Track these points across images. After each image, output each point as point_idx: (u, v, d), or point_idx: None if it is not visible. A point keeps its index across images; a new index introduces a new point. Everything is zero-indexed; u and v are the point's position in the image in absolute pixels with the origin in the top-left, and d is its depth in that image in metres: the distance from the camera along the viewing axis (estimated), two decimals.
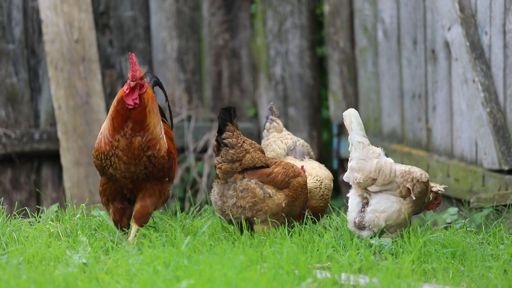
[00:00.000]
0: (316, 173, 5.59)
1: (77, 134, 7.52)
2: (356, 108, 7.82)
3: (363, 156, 5.21)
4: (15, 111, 7.54)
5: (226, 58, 8.11)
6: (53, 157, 7.60)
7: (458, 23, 6.47)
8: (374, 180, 5.19)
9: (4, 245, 4.92)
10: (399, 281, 4.31)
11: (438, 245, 4.97)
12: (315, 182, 5.55)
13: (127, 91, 4.98)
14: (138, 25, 7.88)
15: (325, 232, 5.24)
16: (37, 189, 7.60)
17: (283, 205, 5.22)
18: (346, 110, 5.30)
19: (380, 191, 5.22)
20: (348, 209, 5.29)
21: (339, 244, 5.03)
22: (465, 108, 6.62)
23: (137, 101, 4.99)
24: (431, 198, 5.37)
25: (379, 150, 5.25)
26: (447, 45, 6.76)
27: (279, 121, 5.93)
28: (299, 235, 5.11)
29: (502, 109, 6.29)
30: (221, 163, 5.20)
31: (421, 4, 7.05)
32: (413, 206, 5.23)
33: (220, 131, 5.17)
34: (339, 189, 8.03)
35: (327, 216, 5.68)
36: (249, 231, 5.18)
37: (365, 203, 5.25)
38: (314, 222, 5.40)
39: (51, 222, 5.30)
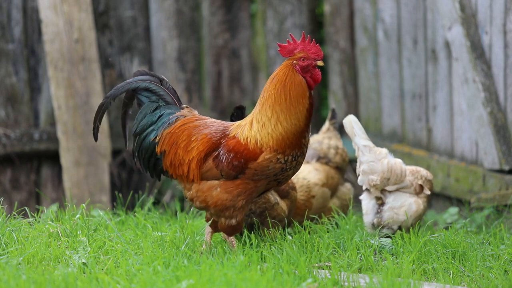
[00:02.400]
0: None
1: (77, 134, 7.52)
2: (356, 108, 7.84)
3: (372, 158, 5.31)
4: (15, 111, 7.53)
5: (226, 58, 8.11)
6: (53, 157, 7.60)
7: (458, 23, 6.47)
8: (388, 180, 5.28)
9: (4, 245, 4.92)
10: (399, 281, 4.30)
11: (438, 245, 4.97)
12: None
13: (316, 73, 4.59)
14: (138, 25, 7.88)
15: (327, 232, 5.24)
16: (36, 189, 7.59)
17: (286, 213, 5.26)
18: (346, 116, 5.39)
19: (396, 190, 5.32)
20: (363, 212, 5.36)
21: (338, 244, 5.03)
22: (465, 108, 6.61)
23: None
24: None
25: (385, 150, 5.34)
26: (447, 45, 6.76)
27: (328, 124, 6.01)
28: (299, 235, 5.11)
29: (503, 109, 6.29)
30: None
31: (421, 4, 7.04)
32: (426, 202, 5.33)
33: None
34: None
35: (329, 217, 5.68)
36: (259, 231, 5.19)
37: (380, 204, 5.33)
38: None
39: (50, 222, 5.29)
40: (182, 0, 7.95)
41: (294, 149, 4.63)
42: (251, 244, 4.88)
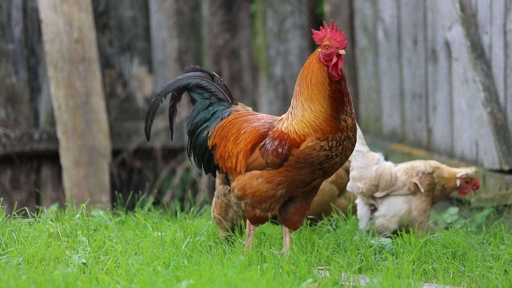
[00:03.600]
0: None
1: (77, 134, 7.52)
2: (356, 108, 7.84)
3: (362, 164, 5.27)
4: (15, 111, 7.53)
5: (226, 58, 8.11)
6: (53, 157, 7.60)
7: (458, 23, 6.46)
8: (376, 186, 5.24)
9: (4, 245, 4.91)
10: (399, 281, 4.30)
11: (438, 245, 4.97)
12: None
13: (335, 62, 4.58)
14: (138, 25, 7.87)
15: (327, 232, 5.24)
16: (36, 189, 7.59)
17: None
18: None
19: (387, 195, 5.28)
20: (358, 217, 5.34)
21: (338, 244, 5.03)
22: (465, 108, 6.61)
23: (340, 72, 4.61)
24: (458, 185, 5.39)
25: (378, 155, 5.30)
26: (447, 45, 6.75)
27: None
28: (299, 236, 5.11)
29: (503, 109, 6.28)
30: None
31: (421, 4, 7.04)
32: (426, 199, 5.28)
33: None
34: None
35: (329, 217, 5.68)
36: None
37: (373, 210, 5.31)
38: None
39: (50, 222, 5.29)
40: (182, 0, 7.95)
41: (336, 133, 4.59)
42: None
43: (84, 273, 4.49)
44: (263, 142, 4.69)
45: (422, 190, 5.30)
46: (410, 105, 7.27)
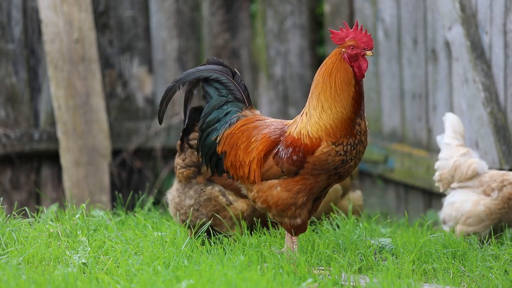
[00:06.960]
0: None
1: (77, 134, 7.52)
2: None
3: (447, 156, 5.52)
4: (15, 111, 7.53)
5: (226, 58, 8.11)
6: (53, 157, 7.60)
7: (458, 23, 6.47)
8: (453, 177, 5.39)
9: (4, 245, 4.91)
10: (399, 281, 4.30)
11: (438, 245, 4.97)
12: None
13: (360, 63, 4.54)
14: (138, 25, 7.87)
15: (327, 232, 5.24)
16: (36, 189, 7.59)
17: (245, 215, 5.14)
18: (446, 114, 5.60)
19: (460, 188, 5.40)
20: None
21: (339, 244, 5.03)
22: (465, 108, 6.61)
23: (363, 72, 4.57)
24: None
25: (466, 150, 5.46)
26: (447, 45, 6.75)
27: None
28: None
29: (503, 109, 6.28)
30: (183, 167, 5.10)
31: (421, 3, 7.04)
32: (501, 204, 5.28)
33: (187, 131, 5.01)
34: None
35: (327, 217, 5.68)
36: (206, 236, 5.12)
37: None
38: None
39: (50, 222, 5.29)
40: (182, 0, 7.95)
41: (350, 137, 4.54)
42: (251, 244, 4.88)
43: (84, 273, 4.50)
44: (276, 150, 4.64)
45: (494, 196, 5.31)
46: (410, 105, 7.28)
